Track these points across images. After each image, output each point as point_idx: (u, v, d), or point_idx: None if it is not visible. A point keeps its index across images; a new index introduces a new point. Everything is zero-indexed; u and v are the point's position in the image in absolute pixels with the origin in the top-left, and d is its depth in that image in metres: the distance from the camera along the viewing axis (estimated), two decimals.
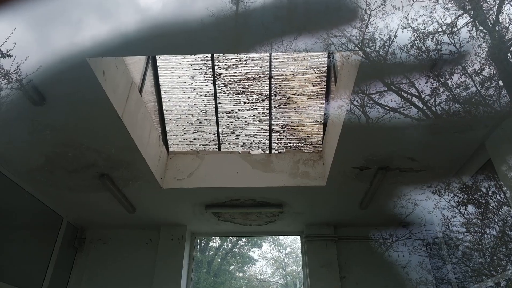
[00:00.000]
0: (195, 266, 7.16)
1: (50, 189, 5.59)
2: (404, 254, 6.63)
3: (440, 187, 5.76)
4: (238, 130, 5.84)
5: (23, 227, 5.66)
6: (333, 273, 6.37)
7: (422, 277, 6.50)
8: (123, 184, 5.45)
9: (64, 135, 4.36)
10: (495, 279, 4.98)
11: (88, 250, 6.95)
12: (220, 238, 9.17)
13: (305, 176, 5.57)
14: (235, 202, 6.04)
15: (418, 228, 6.51)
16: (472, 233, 5.60)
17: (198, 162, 5.77)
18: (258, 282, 8.93)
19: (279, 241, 9.77)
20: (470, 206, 5.66)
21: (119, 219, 6.68)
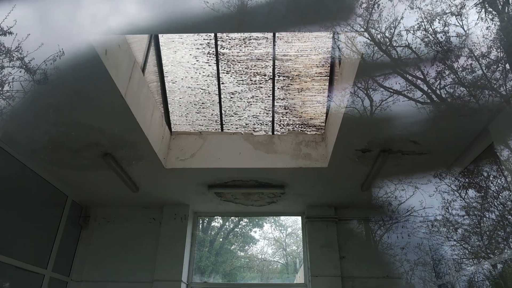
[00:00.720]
0: (197, 245, 7.29)
1: (54, 168, 5.64)
2: (403, 236, 6.72)
3: (441, 171, 5.78)
4: (241, 111, 5.82)
5: (29, 205, 5.75)
6: (333, 253, 6.49)
7: (420, 258, 6.61)
8: (127, 164, 5.50)
9: (67, 114, 4.36)
10: (491, 261, 5.06)
11: (92, 228, 7.08)
12: (222, 218, 9.28)
13: (307, 158, 5.59)
14: (237, 183, 6.10)
15: (418, 211, 6.56)
16: (472, 216, 5.65)
17: (200, 142, 5.79)
18: (259, 261, 9.08)
19: (280, 222, 9.87)
20: (470, 190, 5.69)
21: (123, 198, 6.77)
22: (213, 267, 8.45)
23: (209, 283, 7.22)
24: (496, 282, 5.08)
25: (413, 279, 6.47)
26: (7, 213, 5.29)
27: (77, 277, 6.63)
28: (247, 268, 8.79)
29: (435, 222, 6.40)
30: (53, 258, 6.11)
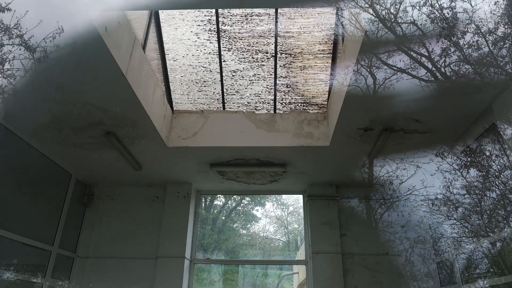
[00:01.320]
0: (200, 223, 7.41)
1: (58, 147, 5.68)
2: (403, 214, 6.79)
3: (444, 150, 5.77)
4: (243, 89, 5.78)
5: (34, 184, 5.82)
6: (333, 231, 6.58)
7: (420, 236, 6.70)
8: (129, 142, 5.52)
9: (69, 92, 4.35)
10: (491, 239, 5.12)
11: (97, 206, 7.19)
12: (224, 197, 9.39)
13: (309, 136, 5.59)
14: (239, 161, 6.13)
15: (419, 189, 6.60)
16: (472, 195, 5.69)
17: (202, 121, 5.78)
18: (261, 239, 9.23)
19: (282, 200, 9.98)
20: (472, 169, 5.70)
21: (126, 177, 6.84)
22: (216, 244, 8.61)
23: (212, 259, 7.38)
24: (494, 260, 5.17)
25: (413, 256, 6.59)
26: (13, 191, 5.36)
27: (83, 254, 6.78)
28: (249, 245, 8.96)
29: (435, 201, 6.45)
30: (59, 235, 6.23)
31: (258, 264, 7.85)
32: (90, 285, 6.56)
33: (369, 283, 6.29)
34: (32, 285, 5.67)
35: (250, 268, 8.00)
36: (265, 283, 7.92)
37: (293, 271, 7.92)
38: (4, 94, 4.38)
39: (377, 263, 6.43)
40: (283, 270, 8.08)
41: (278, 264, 7.91)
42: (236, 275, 8.16)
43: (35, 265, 5.77)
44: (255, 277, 7.99)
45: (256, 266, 7.93)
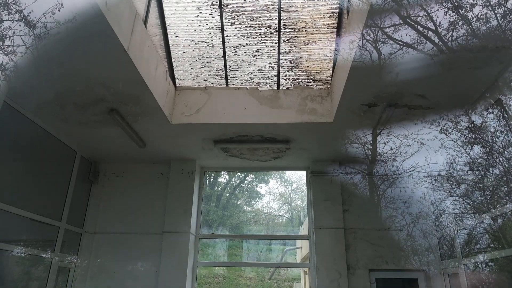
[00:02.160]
0: (204, 199, 7.51)
1: (62, 124, 5.71)
2: (406, 190, 6.84)
3: (448, 126, 5.74)
4: (246, 65, 5.72)
5: (39, 161, 5.89)
6: (336, 207, 6.66)
7: (422, 212, 6.76)
8: (133, 119, 5.53)
9: (71, 69, 4.33)
10: (492, 215, 5.17)
11: (102, 183, 7.29)
12: (228, 174, 9.47)
13: (312, 113, 5.57)
14: (243, 138, 6.14)
15: (422, 166, 6.61)
16: (476, 172, 5.70)
17: (205, 97, 5.76)
18: (265, 215, 9.37)
19: (286, 178, 10.05)
20: (476, 145, 5.68)
21: (131, 154, 6.89)
22: (220, 220, 8.76)
23: (216, 234, 7.52)
24: (495, 236, 5.23)
25: (414, 231, 6.67)
26: (19, 169, 5.44)
27: (90, 229, 6.93)
28: (253, 222, 9.10)
29: (438, 177, 6.47)
30: (66, 212, 6.36)
31: (262, 239, 7.99)
32: (98, 260, 6.73)
33: (371, 257, 6.41)
34: (42, 260, 5.83)
35: (254, 243, 8.16)
36: (269, 258, 8.10)
37: (296, 246, 8.08)
38: (5, 71, 4.37)
39: (379, 238, 6.53)
40: (287, 245, 8.23)
41: (282, 239, 8.06)
42: (240, 250, 8.34)
43: (45, 240, 5.92)
44: (259, 252, 8.16)
45: (260, 241, 8.08)
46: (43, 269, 5.86)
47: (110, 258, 6.75)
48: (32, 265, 5.69)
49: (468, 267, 5.56)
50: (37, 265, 5.77)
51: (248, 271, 9.54)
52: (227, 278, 9.67)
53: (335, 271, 6.25)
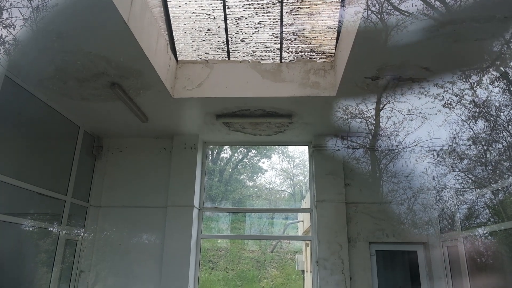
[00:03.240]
0: (207, 174, 7.58)
1: (64, 99, 5.70)
2: (408, 165, 6.86)
3: (452, 100, 5.69)
4: (248, 37, 5.62)
5: (43, 136, 5.92)
6: (338, 180, 6.71)
7: (423, 186, 6.81)
8: (135, 94, 5.51)
9: (70, 42, 4.28)
10: (493, 189, 5.20)
11: (106, 157, 7.35)
12: (231, 149, 9.51)
13: (315, 86, 5.52)
14: (245, 112, 6.12)
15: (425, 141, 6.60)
16: (478, 147, 5.69)
17: (207, 71, 5.70)
18: (267, 190, 9.49)
19: (288, 153, 10.10)
20: (480, 120, 5.65)
21: (134, 129, 6.91)
22: (223, 195, 8.87)
23: (219, 208, 7.63)
24: (495, 210, 5.28)
25: (415, 205, 6.74)
26: (24, 144, 5.48)
27: (96, 203, 7.05)
28: (256, 197, 9.22)
29: (440, 152, 6.48)
30: (71, 186, 6.45)
31: (265, 212, 8.12)
32: (104, 233, 6.89)
33: (372, 230, 6.52)
34: (50, 233, 5.97)
35: (256, 218, 8.29)
36: (271, 232, 8.25)
37: (298, 220, 8.21)
38: (5, 44, 4.33)
39: (380, 212, 6.62)
40: (289, 219, 8.37)
41: (284, 212, 8.18)
42: (243, 224, 8.49)
43: (52, 214, 6.04)
44: (262, 227, 8.31)
45: (262, 216, 8.21)
46: (51, 242, 6.01)
47: (116, 231, 6.90)
48: (41, 238, 5.83)
49: (467, 240, 5.65)
50: (45, 238, 5.92)
51: (251, 244, 9.75)
52: (230, 251, 9.89)
53: (336, 244, 6.37)
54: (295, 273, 9.02)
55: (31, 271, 5.68)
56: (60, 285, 6.17)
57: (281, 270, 9.50)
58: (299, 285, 8.95)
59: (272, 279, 9.40)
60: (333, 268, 6.24)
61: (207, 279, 8.97)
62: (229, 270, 9.62)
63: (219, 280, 9.32)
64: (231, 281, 9.30)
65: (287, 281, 9.32)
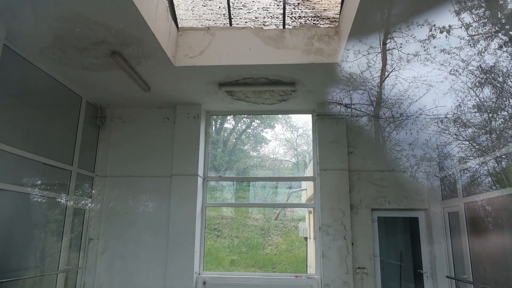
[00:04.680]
0: (211, 145, 7.61)
1: (65, 68, 5.64)
2: (412, 133, 6.83)
3: (458, 66, 5.59)
4: (250, 2, 5.45)
5: (46, 106, 5.92)
6: (341, 149, 6.72)
7: (426, 154, 6.81)
8: (136, 62, 5.44)
9: (68, 8, 4.18)
10: (496, 156, 5.19)
11: (110, 128, 7.37)
12: (234, 119, 9.50)
13: (319, 53, 5.41)
14: (248, 81, 6.05)
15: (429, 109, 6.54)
16: (483, 114, 5.64)
17: (209, 38, 5.59)
18: (271, 161, 9.54)
19: (292, 123, 10.07)
20: (486, 87, 5.57)
21: (136, 99, 6.89)
22: (227, 165, 8.95)
23: (224, 176, 7.71)
24: (498, 178, 5.29)
25: (418, 173, 6.78)
26: (27, 115, 5.48)
27: (101, 173, 7.14)
28: (259, 167, 9.28)
29: (445, 120, 6.43)
30: (77, 156, 6.51)
31: (268, 181, 8.20)
32: (111, 202, 7.02)
33: (374, 198, 6.60)
34: (58, 203, 6.10)
35: (260, 187, 8.40)
36: (275, 201, 8.38)
37: (301, 188, 8.30)
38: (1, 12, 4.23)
39: (382, 179, 6.67)
40: (292, 189, 8.47)
41: (287, 181, 8.25)
42: (247, 194, 8.61)
43: (59, 184, 6.13)
44: (265, 196, 8.43)
45: (266, 185, 8.30)
46: (59, 211, 6.15)
47: (122, 200, 7.03)
48: (49, 208, 5.96)
49: (469, 207, 5.72)
50: (54, 208, 6.05)
51: (255, 213, 9.92)
52: (234, 220, 10.09)
53: (339, 211, 6.48)
54: (299, 240, 9.23)
55: (42, 240, 5.86)
56: (70, 253, 6.37)
57: (284, 237, 9.72)
58: (302, 251, 9.19)
59: (276, 246, 9.64)
60: (336, 234, 6.37)
61: (212, 246, 9.21)
62: (234, 237, 9.85)
63: (224, 247, 9.57)
64: (236, 248, 9.54)
65: (290, 247, 9.56)
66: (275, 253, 9.44)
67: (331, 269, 6.25)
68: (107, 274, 6.72)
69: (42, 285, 5.74)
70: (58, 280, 5.98)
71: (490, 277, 5.26)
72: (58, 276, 5.99)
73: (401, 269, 7.24)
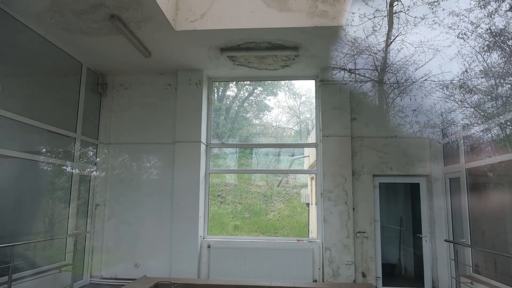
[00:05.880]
0: (213, 113, 7.57)
1: (64, 33, 5.54)
2: (416, 99, 6.74)
3: (467, 29, 5.44)
4: None
5: (46, 73, 5.87)
6: (344, 115, 6.69)
7: (430, 121, 6.77)
8: (135, 26, 5.32)
9: None
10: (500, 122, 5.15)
11: (112, 94, 7.33)
12: (236, 86, 9.39)
13: (323, 15, 5.26)
14: (250, 45, 5.93)
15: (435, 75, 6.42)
16: (490, 80, 5.54)
17: (210, 1, 5.42)
18: (274, 128, 9.52)
19: (295, 90, 9.95)
20: (494, 51, 5.44)
21: (137, 65, 6.80)
22: (230, 133, 8.95)
23: (226, 143, 7.74)
24: (501, 144, 5.27)
25: (421, 139, 6.76)
26: (28, 81, 5.44)
27: (105, 140, 7.19)
28: (262, 135, 9.28)
29: (450, 85, 6.33)
30: (80, 123, 6.53)
31: (271, 147, 8.23)
32: (115, 168, 7.11)
33: (376, 164, 6.64)
34: (64, 171, 6.18)
35: (263, 155, 8.43)
36: (278, 168, 8.44)
37: (304, 155, 8.34)
38: None
39: (385, 145, 6.67)
40: (295, 156, 8.50)
41: (290, 147, 8.27)
42: (250, 161, 8.66)
43: (64, 152, 6.19)
44: (268, 163, 8.49)
45: (269, 153, 8.33)
46: (65, 179, 6.25)
47: (126, 167, 7.12)
48: (56, 176, 6.05)
49: (470, 172, 5.74)
50: (60, 175, 6.14)
51: (258, 179, 10.05)
52: (238, 187, 10.24)
53: (341, 177, 6.54)
54: (301, 206, 9.39)
55: (50, 207, 5.99)
56: (78, 219, 6.53)
57: (287, 203, 9.88)
58: (304, 217, 9.37)
59: (279, 212, 9.83)
60: (337, 199, 6.47)
61: (216, 212, 9.40)
62: (237, 204, 10.02)
63: (227, 213, 9.76)
64: (239, 214, 9.73)
65: (292, 213, 9.74)
66: (278, 219, 9.64)
67: (332, 233, 6.40)
68: (114, 238, 6.93)
69: (52, 249, 5.94)
70: (67, 244, 6.18)
71: (488, 241, 5.38)
72: (67, 240, 6.18)
73: (400, 233, 7.41)
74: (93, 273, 6.82)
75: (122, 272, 6.80)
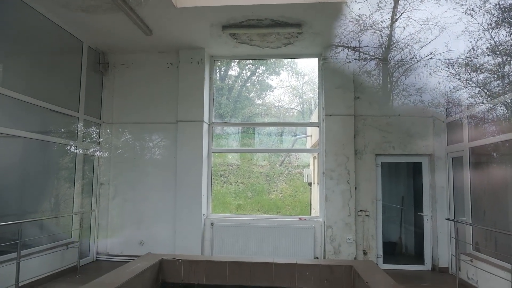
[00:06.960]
0: (216, 93, 7.52)
1: (64, 11, 5.47)
2: (421, 78, 6.66)
3: (475, 5, 5.31)
4: None
5: (47, 52, 5.82)
6: (347, 94, 6.63)
7: (435, 100, 6.70)
8: (135, 3, 5.23)
9: None
10: (506, 100, 5.09)
11: (113, 74, 7.29)
12: (238, 66, 9.29)
13: None
14: (252, 22, 5.83)
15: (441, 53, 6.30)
16: (497, 58, 5.45)
17: None
18: (276, 108, 9.47)
19: (297, 69, 9.84)
20: (503, 28, 5.34)
21: (138, 43, 6.72)
22: (232, 113, 8.91)
23: (229, 123, 7.73)
24: (506, 123, 5.23)
25: (424, 118, 6.70)
26: (28, 60, 5.41)
27: (108, 120, 7.19)
28: (265, 115, 9.24)
29: (456, 63, 6.23)
30: (82, 102, 6.52)
31: (274, 127, 8.22)
32: (119, 148, 7.14)
33: (379, 143, 6.62)
34: (68, 151, 6.21)
35: (265, 135, 8.42)
36: (280, 148, 8.45)
37: (306, 135, 8.33)
38: None
39: (388, 125, 6.64)
40: (297, 136, 8.49)
41: (293, 126, 8.25)
42: (253, 141, 8.66)
43: (67, 131, 6.21)
44: (271, 143, 8.49)
45: (271, 133, 8.32)
46: (70, 159, 6.29)
47: (130, 146, 7.15)
48: (60, 155, 6.09)
49: (473, 151, 5.72)
50: (64, 155, 6.18)
51: (260, 159, 10.08)
52: (240, 167, 10.28)
53: (343, 156, 6.54)
54: (303, 186, 9.45)
55: (55, 186, 6.06)
56: (83, 198, 6.62)
57: (289, 183, 9.94)
58: (306, 197, 9.45)
59: (281, 191, 9.90)
60: (339, 178, 6.50)
61: (219, 192, 9.49)
62: (240, 183, 10.10)
63: (230, 192, 9.85)
64: (242, 193, 9.81)
65: (295, 193, 9.81)
66: (280, 198, 9.72)
67: (333, 212, 6.46)
68: (119, 216, 7.04)
69: (59, 227, 6.05)
70: (73, 222, 6.29)
71: (489, 220, 5.41)
72: (73, 218, 6.28)
73: (402, 212, 7.47)
74: (99, 250, 6.97)
75: (127, 249, 6.94)
